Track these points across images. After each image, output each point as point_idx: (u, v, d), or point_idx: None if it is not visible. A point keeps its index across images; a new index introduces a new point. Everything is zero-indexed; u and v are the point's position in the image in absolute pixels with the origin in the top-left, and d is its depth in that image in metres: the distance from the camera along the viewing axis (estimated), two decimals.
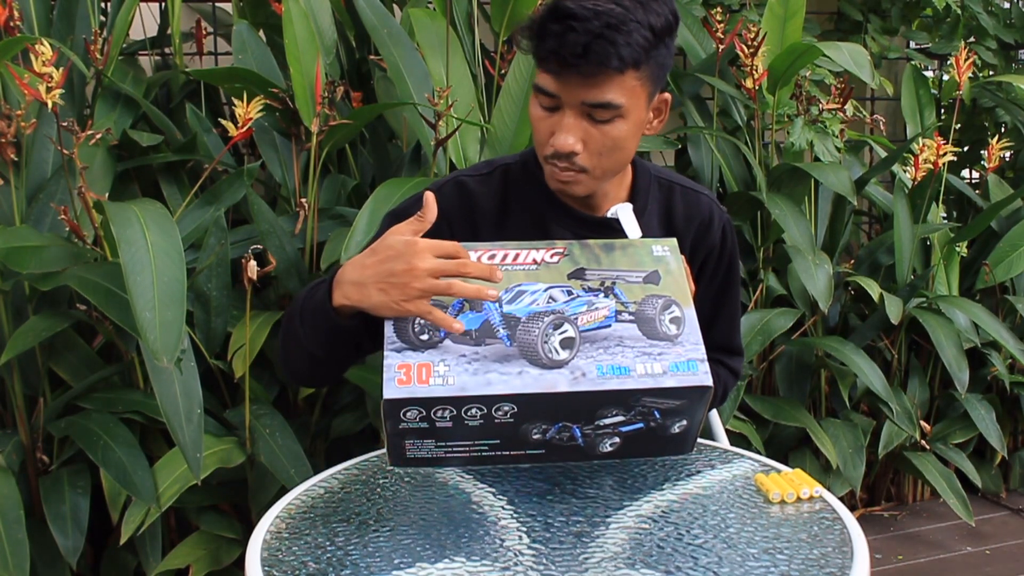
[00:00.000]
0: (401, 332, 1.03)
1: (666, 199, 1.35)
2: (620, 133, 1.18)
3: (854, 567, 0.96)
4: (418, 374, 0.99)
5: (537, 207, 1.31)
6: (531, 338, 1.02)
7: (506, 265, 1.09)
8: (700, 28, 2.76)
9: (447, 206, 1.26)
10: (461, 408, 0.99)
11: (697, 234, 1.35)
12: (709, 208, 1.37)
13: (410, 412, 0.98)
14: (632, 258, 1.12)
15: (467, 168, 1.37)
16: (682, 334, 1.05)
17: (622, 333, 1.04)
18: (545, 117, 1.19)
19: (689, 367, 1.02)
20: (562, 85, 1.15)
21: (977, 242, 3.05)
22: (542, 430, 1.04)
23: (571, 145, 1.16)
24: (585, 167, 1.19)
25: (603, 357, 1.02)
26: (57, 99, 1.77)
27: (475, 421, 1.00)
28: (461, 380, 0.98)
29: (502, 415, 1.00)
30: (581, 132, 1.17)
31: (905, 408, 2.67)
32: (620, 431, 1.06)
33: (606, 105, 1.15)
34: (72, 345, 1.97)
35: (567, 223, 1.30)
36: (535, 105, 1.20)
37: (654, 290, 1.09)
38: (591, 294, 1.08)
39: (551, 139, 1.18)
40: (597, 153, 1.18)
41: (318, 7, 2.19)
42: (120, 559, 1.99)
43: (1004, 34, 3.33)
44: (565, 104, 1.16)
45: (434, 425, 1.00)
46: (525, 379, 0.99)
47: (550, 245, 1.12)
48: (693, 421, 1.07)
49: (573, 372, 1.00)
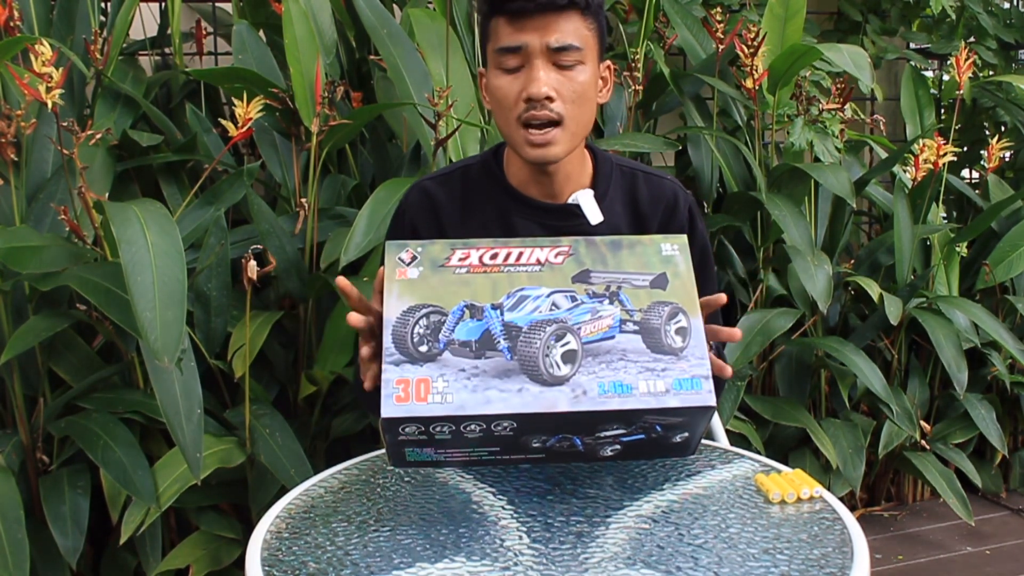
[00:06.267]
0: (400, 343, 1.01)
1: (630, 185, 1.38)
2: (585, 79, 1.24)
3: (854, 567, 0.96)
4: (416, 391, 0.97)
5: (499, 202, 1.35)
6: (532, 351, 1.01)
7: (508, 265, 1.07)
8: (700, 28, 2.76)
9: (412, 213, 1.36)
10: (460, 424, 0.98)
11: (664, 217, 1.38)
12: (673, 191, 1.39)
13: (408, 428, 0.98)
14: (640, 258, 1.09)
15: (432, 172, 1.43)
16: (687, 347, 1.03)
17: (625, 346, 1.03)
18: (511, 80, 1.24)
19: (693, 385, 1.00)
20: (527, 32, 1.21)
21: (977, 242, 3.05)
22: (542, 440, 1.04)
23: (545, 91, 1.21)
24: (561, 115, 1.23)
25: (605, 373, 1.00)
26: (57, 99, 1.77)
27: (474, 435, 1.00)
28: (460, 398, 0.97)
29: (501, 430, 1.00)
30: (552, 81, 1.22)
31: (905, 408, 2.67)
32: (621, 440, 1.06)
33: (569, 47, 1.21)
34: (72, 345, 1.97)
35: (529, 213, 1.34)
36: (498, 75, 1.25)
37: (661, 296, 1.07)
38: (595, 300, 1.06)
39: (522, 92, 1.22)
40: (569, 100, 1.23)
41: (318, 7, 2.19)
42: (120, 559, 1.99)
43: (1004, 34, 3.33)
44: (531, 54, 1.21)
45: (433, 438, 1.00)
46: (525, 397, 0.98)
47: (555, 243, 1.10)
48: (695, 432, 1.06)
49: (574, 390, 0.99)
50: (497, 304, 1.04)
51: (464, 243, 1.08)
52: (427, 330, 1.02)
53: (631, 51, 2.57)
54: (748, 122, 2.74)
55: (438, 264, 1.07)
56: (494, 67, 1.26)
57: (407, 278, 1.06)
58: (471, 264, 1.07)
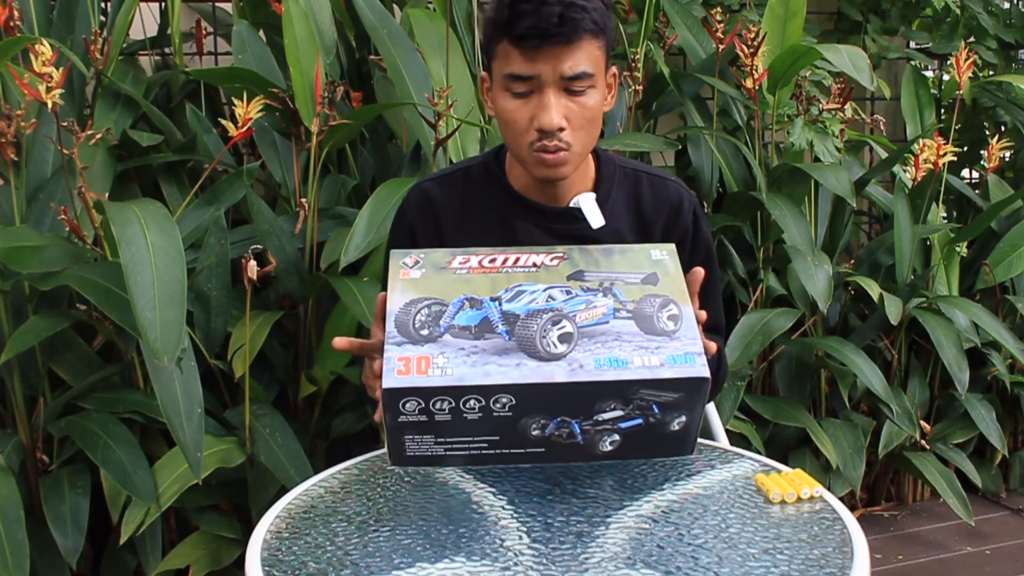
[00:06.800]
0: (402, 328, 1.05)
1: (633, 187, 1.38)
2: (595, 103, 1.23)
3: (854, 567, 0.96)
4: (417, 365, 1.00)
5: (499, 205, 1.35)
6: (529, 333, 1.04)
7: (507, 268, 1.13)
8: (700, 28, 2.76)
9: (412, 213, 1.36)
10: (460, 399, 1.00)
11: (668, 219, 1.38)
12: (678, 192, 1.39)
13: (409, 403, 0.99)
14: (631, 261, 1.15)
15: (432, 173, 1.43)
16: (679, 330, 1.06)
17: (620, 329, 1.06)
18: (520, 106, 1.22)
19: (686, 360, 1.03)
20: (540, 62, 1.19)
21: (977, 242, 3.05)
22: (540, 425, 1.05)
23: (558, 121, 1.20)
24: (570, 143, 1.23)
25: (600, 351, 1.03)
26: (57, 99, 1.77)
27: (474, 414, 1.01)
28: (460, 371, 1.00)
29: (500, 407, 1.01)
30: (563, 108, 1.21)
31: (905, 408, 2.67)
32: (619, 427, 1.07)
33: (582, 75, 1.20)
34: (72, 345, 1.97)
35: (529, 216, 1.33)
36: (506, 98, 1.23)
37: (652, 290, 1.11)
38: (590, 294, 1.10)
39: (533, 122, 1.22)
40: (579, 127, 1.23)
41: (318, 7, 2.19)
42: (120, 559, 1.99)
43: (1004, 34, 3.33)
44: (544, 83, 1.20)
45: (433, 419, 1.01)
46: (523, 370, 1.00)
47: (550, 250, 1.15)
48: (692, 417, 1.07)
49: (571, 364, 1.01)
50: (495, 297, 1.09)
51: (464, 250, 1.15)
52: (428, 318, 1.07)
53: (631, 51, 2.57)
54: (748, 122, 2.74)
55: (440, 266, 1.13)
56: (502, 88, 1.23)
57: (410, 277, 1.12)
58: (471, 266, 1.13)
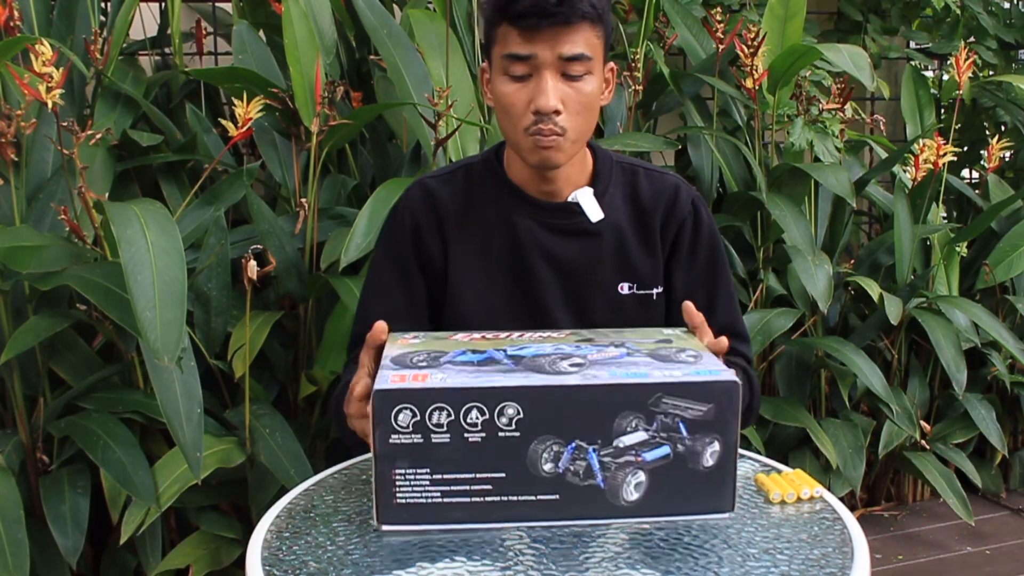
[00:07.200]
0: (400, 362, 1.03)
1: (630, 182, 1.38)
2: (591, 89, 1.24)
3: (854, 567, 0.96)
4: (414, 378, 0.97)
5: (500, 200, 1.36)
6: (538, 364, 1.01)
7: (512, 337, 1.13)
8: (700, 28, 2.76)
9: (413, 209, 1.36)
10: (460, 410, 0.95)
11: (665, 209, 1.37)
12: (675, 184, 1.39)
13: (402, 414, 0.94)
14: (643, 334, 1.15)
15: (434, 170, 1.43)
16: (701, 359, 1.03)
17: (637, 360, 1.03)
18: (518, 89, 1.23)
19: (710, 373, 0.98)
20: (538, 43, 1.20)
21: (977, 242, 3.05)
22: (554, 454, 0.97)
23: (554, 104, 1.21)
24: (565, 128, 1.23)
25: (617, 369, 1.00)
26: (57, 99, 1.77)
27: (476, 434, 0.95)
28: (460, 379, 0.96)
29: (506, 423, 0.95)
30: (560, 92, 1.22)
31: (905, 408, 2.67)
32: (643, 458, 0.98)
33: (580, 56, 1.21)
34: (72, 345, 1.97)
35: (529, 211, 1.34)
36: (505, 81, 1.24)
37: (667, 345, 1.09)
38: (601, 347, 1.08)
39: (530, 105, 1.22)
40: (575, 112, 1.24)
41: (318, 7, 2.19)
42: (120, 559, 1.99)
43: (1004, 34, 3.33)
44: (541, 64, 1.21)
45: (429, 439, 0.95)
46: (531, 378, 0.97)
47: (558, 331, 1.17)
48: (727, 443, 0.98)
49: (584, 377, 0.98)
50: (501, 349, 1.07)
51: (467, 332, 1.15)
52: (428, 357, 1.05)
53: (631, 51, 2.57)
54: (748, 122, 2.74)
55: (440, 337, 1.13)
56: (500, 72, 1.25)
57: (409, 342, 1.11)
58: (472, 337, 1.13)
